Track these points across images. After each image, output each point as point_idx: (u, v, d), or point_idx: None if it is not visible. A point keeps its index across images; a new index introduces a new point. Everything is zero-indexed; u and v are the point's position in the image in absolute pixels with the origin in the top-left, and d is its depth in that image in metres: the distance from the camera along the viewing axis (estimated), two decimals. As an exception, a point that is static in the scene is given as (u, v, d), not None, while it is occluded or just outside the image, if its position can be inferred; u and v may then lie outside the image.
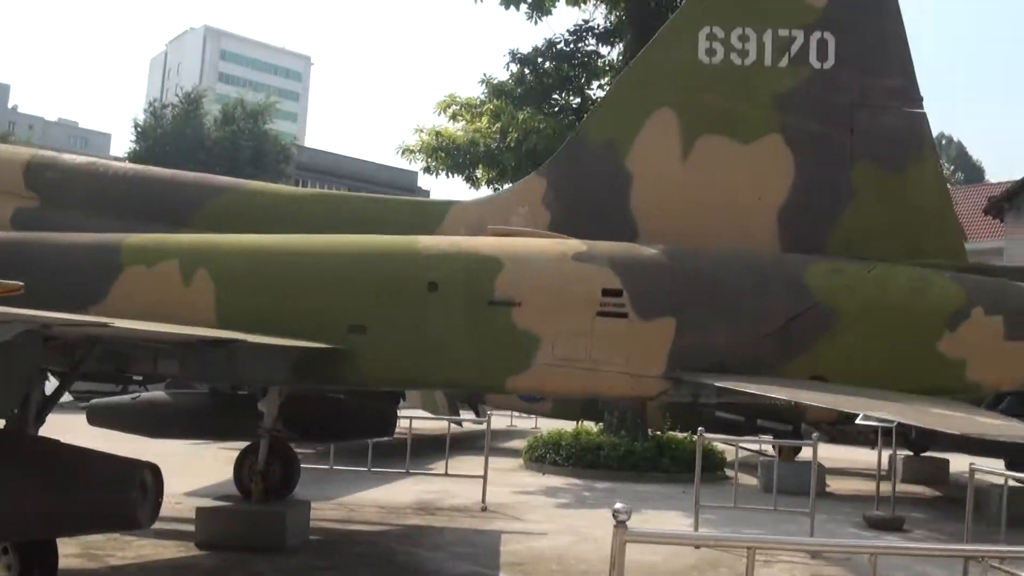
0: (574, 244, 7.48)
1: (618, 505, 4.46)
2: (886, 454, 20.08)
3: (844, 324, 7.15)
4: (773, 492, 13.30)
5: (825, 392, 6.85)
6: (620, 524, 4.39)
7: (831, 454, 21.24)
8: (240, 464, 11.71)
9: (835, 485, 18.51)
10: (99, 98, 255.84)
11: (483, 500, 13.65)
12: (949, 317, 7.22)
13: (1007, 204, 35.62)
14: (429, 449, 23.27)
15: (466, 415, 23.39)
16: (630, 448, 18.03)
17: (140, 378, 18.07)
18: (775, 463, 15.48)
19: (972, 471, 9.49)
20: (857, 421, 12.61)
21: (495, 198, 8.63)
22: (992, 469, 10.23)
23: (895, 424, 13.17)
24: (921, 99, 8.02)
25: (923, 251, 7.76)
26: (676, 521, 12.88)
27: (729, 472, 19.42)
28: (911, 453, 19.76)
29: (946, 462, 19.56)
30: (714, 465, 18.26)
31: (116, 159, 45.00)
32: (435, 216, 8.51)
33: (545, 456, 18.88)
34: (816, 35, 7.91)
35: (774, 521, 12.63)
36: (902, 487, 18.92)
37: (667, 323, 7.06)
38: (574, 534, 11.63)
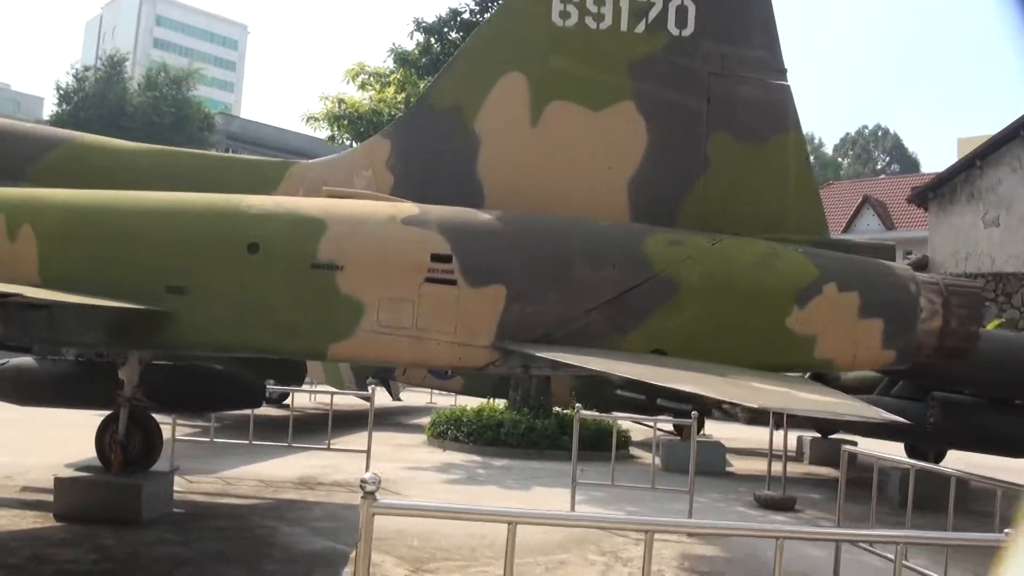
0: (406, 207, 7.17)
1: (366, 476, 4.18)
2: (796, 435, 20.25)
3: (685, 297, 6.89)
4: (652, 470, 13.10)
5: (639, 364, 6.56)
6: (368, 495, 4.11)
7: (741, 434, 21.26)
8: (101, 434, 11.28)
9: (739, 465, 18.49)
10: (34, 61, 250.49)
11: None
12: (799, 292, 7.00)
13: (931, 194, 35.79)
14: (337, 424, 23.07)
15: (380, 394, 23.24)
16: (531, 425, 17.85)
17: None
18: (659, 443, 15.33)
19: (845, 452, 9.36)
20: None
21: (338, 160, 8.23)
22: (865, 450, 10.07)
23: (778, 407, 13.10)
24: (785, 71, 7.81)
25: (783, 226, 7.57)
26: (563, 498, 12.66)
27: (634, 452, 19.43)
28: (819, 435, 19.84)
29: (854, 443, 19.59)
30: (618, 444, 18.11)
31: (42, 122, 44.00)
32: (273, 177, 8.16)
33: (447, 432, 18.65)
34: (675, 1, 7.65)
35: (657, 500, 12.50)
36: (808, 468, 19.00)
37: (497, 291, 6.77)
38: (449, 511, 11.38)
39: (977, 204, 34.44)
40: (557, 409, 19.76)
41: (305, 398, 29.51)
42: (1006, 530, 4.12)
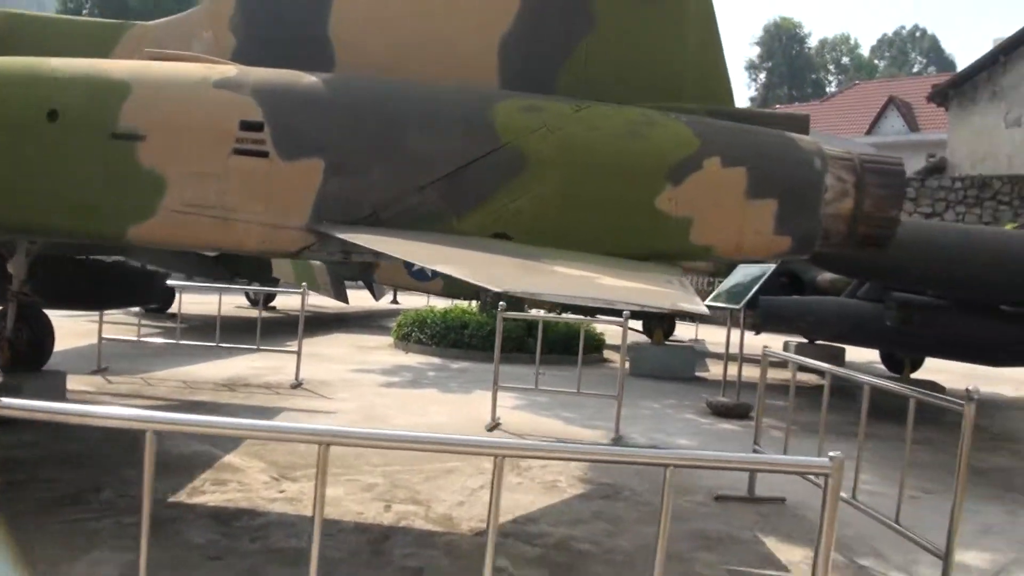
0: (223, 69, 6.15)
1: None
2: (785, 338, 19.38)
3: (536, 172, 5.81)
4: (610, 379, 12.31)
5: (428, 246, 5.53)
6: None
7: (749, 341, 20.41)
8: (-13, 330, 10.60)
9: (716, 370, 17.63)
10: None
11: (296, 377, 12.68)
12: (673, 167, 5.89)
13: (952, 92, 34.18)
14: (319, 325, 22.57)
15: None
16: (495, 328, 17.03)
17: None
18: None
19: (765, 356, 8.46)
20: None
21: (180, 19, 7.21)
22: (782, 353, 9.19)
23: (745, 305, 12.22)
24: None
25: (679, 94, 6.50)
26: (507, 402, 11.95)
27: (609, 355, 18.67)
28: (805, 340, 18.97)
29: (841, 350, 18.67)
30: (591, 347, 17.35)
31: None
32: (109, 39, 7.17)
33: (411, 335, 17.93)
34: None
35: (594, 406, 11.72)
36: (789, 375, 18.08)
37: (313, 165, 5.77)
38: (363, 414, 10.68)
39: (999, 103, 32.85)
40: (537, 312, 19.03)
41: (296, 300, 29.01)
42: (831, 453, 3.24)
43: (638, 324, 18.87)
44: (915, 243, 9.32)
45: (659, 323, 17.02)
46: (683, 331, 23.77)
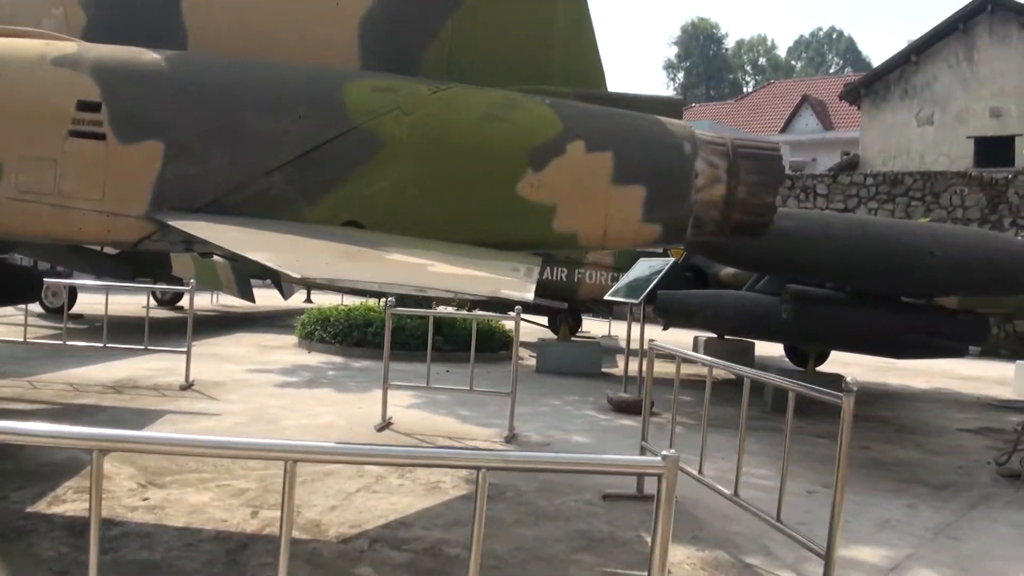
0: (63, 46, 5.71)
1: None
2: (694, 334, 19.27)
3: (388, 156, 5.48)
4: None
5: (258, 234, 5.17)
6: None
7: (669, 337, 20.23)
8: None
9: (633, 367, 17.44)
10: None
11: (186, 378, 12.17)
12: (535, 151, 5.59)
13: (864, 90, 34.63)
14: (225, 325, 22.01)
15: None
16: (400, 325, 16.61)
17: None
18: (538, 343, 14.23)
19: (651, 349, 8.21)
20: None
21: (32, -7, 6.76)
22: (667, 346, 8.94)
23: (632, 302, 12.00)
24: None
25: (548, 76, 6.20)
26: (402, 401, 11.62)
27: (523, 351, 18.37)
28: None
29: (751, 345, 18.61)
30: (499, 344, 17.05)
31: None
32: None
33: (313, 333, 17.46)
34: None
35: (480, 403, 11.41)
36: (700, 370, 17.94)
37: (152, 148, 5.34)
38: (251, 416, 10.23)
39: (911, 102, 33.35)
40: (450, 309, 18.70)
41: (206, 300, 28.38)
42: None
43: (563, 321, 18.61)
44: (809, 234, 9.18)
45: (564, 319, 16.78)
46: (597, 328, 23.64)
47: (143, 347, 12.74)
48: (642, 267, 12.66)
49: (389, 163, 5.45)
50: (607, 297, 12.91)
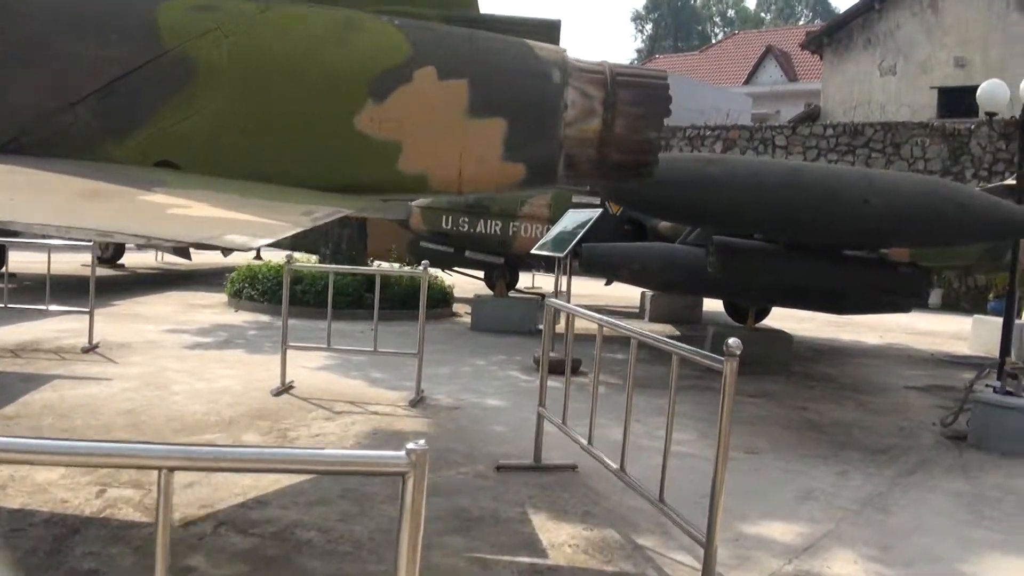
0: None
1: None
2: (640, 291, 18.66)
3: (206, 86, 4.73)
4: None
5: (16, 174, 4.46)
6: None
7: (617, 292, 19.59)
8: None
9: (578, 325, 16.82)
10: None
11: (90, 340, 11.45)
12: (376, 80, 4.87)
13: (827, 39, 33.89)
14: (157, 283, 21.25)
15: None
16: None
17: None
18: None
19: (548, 305, 7.56)
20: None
21: None
22: (562, 303, 8.32)
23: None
24: None
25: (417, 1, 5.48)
26: (314, 361, 10.98)
27: (457, 308, 17.71)
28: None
29: (699, 300, 18.03)
30: (437, 301, 16.37)
31: None
32: None
33: (242, 291, 16.71)
34: None
35: (395, 365, 10.76)
36: (650, 326, 17.30)
37: None
38: (143, 381, 9.53)
39: (874, 51, 32.65)
40: (386, 263, 18.01)
41: (149, 258, 27.54)
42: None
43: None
44: (735, 182, 8.49)
45: (501, 275, 16.10)
46: (547, 283, 22.96)
47: (44, 307, 12.00)
48: (570, 219, 11.95)
49: (205, 94, 4.70)
50: (534, 251, 12.21)
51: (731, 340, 4.40)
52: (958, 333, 18.65)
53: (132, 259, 25.69)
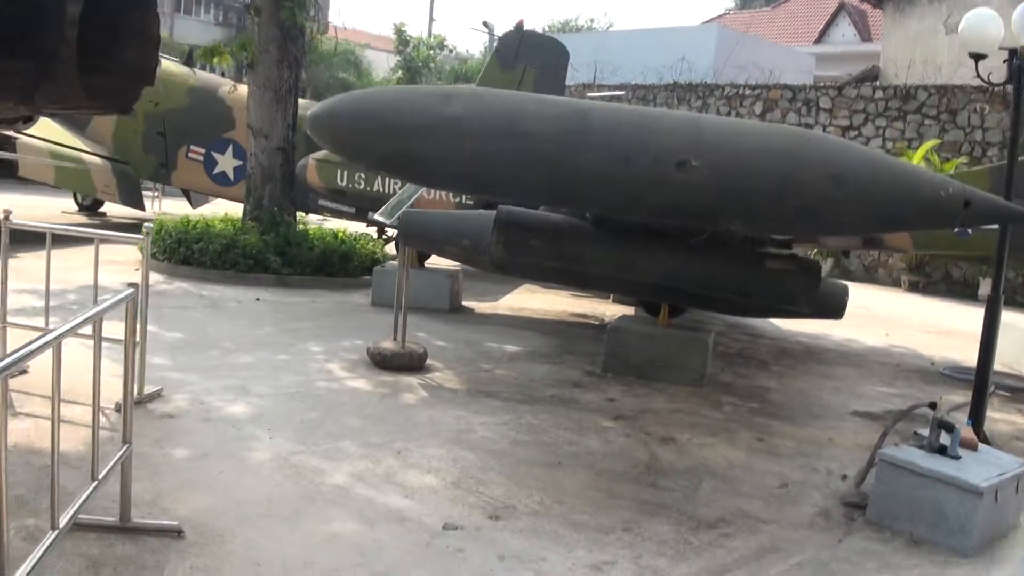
0: None
1: None
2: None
3: None
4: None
5: None
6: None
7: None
8: None
9: (495, 303, 14.70)
10: None
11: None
12: None
13: (890, -9, 30.79)
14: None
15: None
16: (233, 242, 14.01)
17: None
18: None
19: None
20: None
21: None
22: None
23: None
24: None
25: None
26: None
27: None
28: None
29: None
30: (358, 268, 14.47)
31: None
32: None
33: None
34: None
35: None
36: (615, 308, 15.05)
37: None
38: None
39: (940, 5, 29.46)
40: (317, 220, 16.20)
41: (120, 208, 25.61)
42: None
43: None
44: (484, 128, 5.91)
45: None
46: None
47: None
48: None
49: None
50: (375, 217, 10.07)
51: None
52: (987, 334, 15.78)
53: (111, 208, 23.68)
